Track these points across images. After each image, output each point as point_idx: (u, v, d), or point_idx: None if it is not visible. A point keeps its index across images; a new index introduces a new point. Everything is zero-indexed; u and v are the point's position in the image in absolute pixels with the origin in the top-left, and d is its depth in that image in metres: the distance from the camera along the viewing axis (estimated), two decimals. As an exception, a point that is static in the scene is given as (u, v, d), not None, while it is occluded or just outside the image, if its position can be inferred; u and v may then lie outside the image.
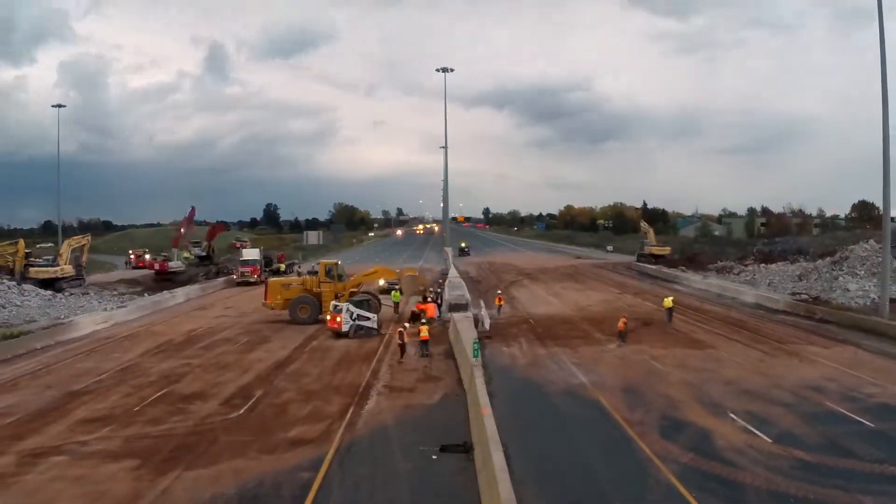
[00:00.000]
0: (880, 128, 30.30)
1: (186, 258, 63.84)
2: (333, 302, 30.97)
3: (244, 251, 64.10)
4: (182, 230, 66.39)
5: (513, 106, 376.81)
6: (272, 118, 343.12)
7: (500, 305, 36.33)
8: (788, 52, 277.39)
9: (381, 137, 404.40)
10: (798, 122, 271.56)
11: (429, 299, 34.58)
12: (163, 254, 66.55)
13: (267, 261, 60.30)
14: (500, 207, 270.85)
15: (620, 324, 27.53)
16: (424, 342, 25.12)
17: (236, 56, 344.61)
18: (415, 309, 33.78)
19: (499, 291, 41.29)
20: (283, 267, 61.56)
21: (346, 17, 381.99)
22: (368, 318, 29.95)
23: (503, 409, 16.95)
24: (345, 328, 29.17)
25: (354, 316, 29.57)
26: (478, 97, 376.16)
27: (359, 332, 29.36)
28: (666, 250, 70.49)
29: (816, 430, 15.76)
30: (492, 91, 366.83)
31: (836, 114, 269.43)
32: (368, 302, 31.62)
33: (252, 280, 53.54)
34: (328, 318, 30.42)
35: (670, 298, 33.12)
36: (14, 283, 42.25)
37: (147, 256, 68.88)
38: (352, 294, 33.09)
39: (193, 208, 68.42)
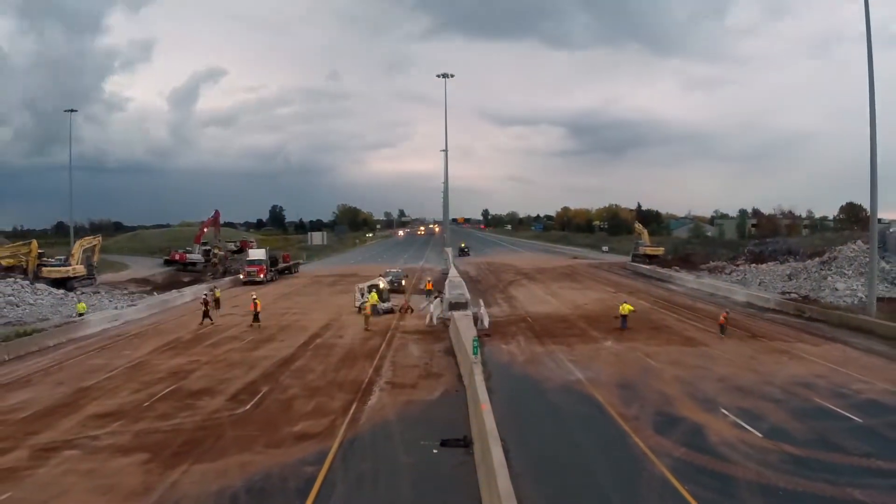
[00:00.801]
0: (867, 137, 31.12)
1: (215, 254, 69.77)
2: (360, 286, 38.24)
3: (250, 251, 64.72)
4: (205, 229, 71.16)
5: (543, 125, 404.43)
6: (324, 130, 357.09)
7: (430, 289, 44.05)
8: (785, 80, 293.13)
9: (409, 148, 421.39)
10: (791, 134, 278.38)
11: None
12: (186, 248, 71.72)
13: (273, 261, 61.23)
14: (502, 209, 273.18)
15: (721, 318, 28.96)
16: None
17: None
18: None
19: (428, 279, 49.73)
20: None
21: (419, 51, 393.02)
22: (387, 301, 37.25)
23: (502, 404, 17.30)
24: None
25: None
26: (513, 118, 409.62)
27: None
28: (660, 251, 71.10)
29: (806, 426, 16.07)
30: (528, 113, 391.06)
31: (825, 127, 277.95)
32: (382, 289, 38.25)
33: (258, 280, 54.46)
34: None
35: (627, 305, 31.10)
36: (27, 282, 42.85)
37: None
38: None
39: (217, 212, 72.74)
